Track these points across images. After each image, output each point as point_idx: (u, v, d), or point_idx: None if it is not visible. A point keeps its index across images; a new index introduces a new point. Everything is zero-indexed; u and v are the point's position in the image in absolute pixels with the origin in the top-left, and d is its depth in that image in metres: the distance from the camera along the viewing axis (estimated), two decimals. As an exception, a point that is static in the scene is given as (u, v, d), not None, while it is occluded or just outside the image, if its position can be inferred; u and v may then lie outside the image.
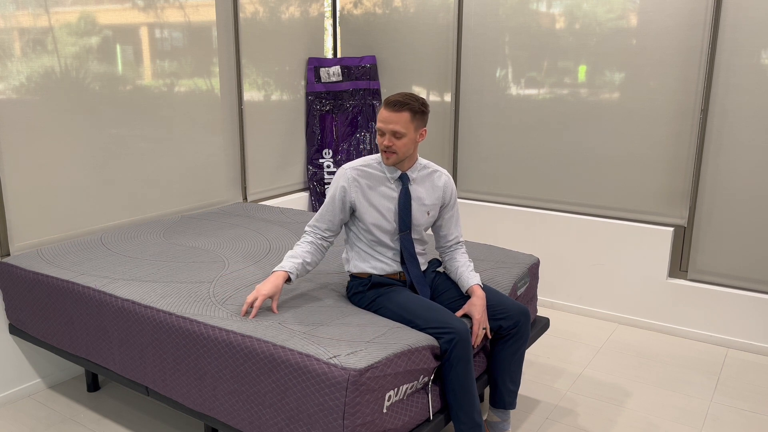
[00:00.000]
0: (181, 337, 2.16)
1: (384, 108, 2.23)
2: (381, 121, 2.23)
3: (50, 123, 2.91)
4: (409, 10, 4.19)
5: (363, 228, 2.33)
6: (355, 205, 2.31)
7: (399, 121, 2.19)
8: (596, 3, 3.55)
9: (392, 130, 2.21)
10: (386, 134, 2.22)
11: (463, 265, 2.39)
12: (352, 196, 2.30)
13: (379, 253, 2.35)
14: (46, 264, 2.67)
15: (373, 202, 2.30)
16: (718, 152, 3.34)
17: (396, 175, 2.31)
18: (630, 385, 3.03)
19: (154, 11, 3.29)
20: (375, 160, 2.35)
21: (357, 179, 2.30)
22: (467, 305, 2.29)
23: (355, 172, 2.31)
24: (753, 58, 3.17)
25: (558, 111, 3.77)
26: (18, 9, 2.74)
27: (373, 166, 2.33)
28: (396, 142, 2.22)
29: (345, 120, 4.45)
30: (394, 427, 1.96)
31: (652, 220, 3.61)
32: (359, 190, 2.29)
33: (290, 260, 2.28)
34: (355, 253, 2.38)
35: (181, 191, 3.57)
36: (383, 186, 2.31)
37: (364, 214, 2.30)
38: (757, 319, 3.34)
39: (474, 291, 2.31)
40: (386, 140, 2.23)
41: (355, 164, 2.33)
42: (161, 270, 2.61)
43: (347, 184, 2.29)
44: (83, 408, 2.82)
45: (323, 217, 2.34)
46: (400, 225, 2.32)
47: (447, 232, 2.43)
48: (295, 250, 2.31)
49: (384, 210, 2.30)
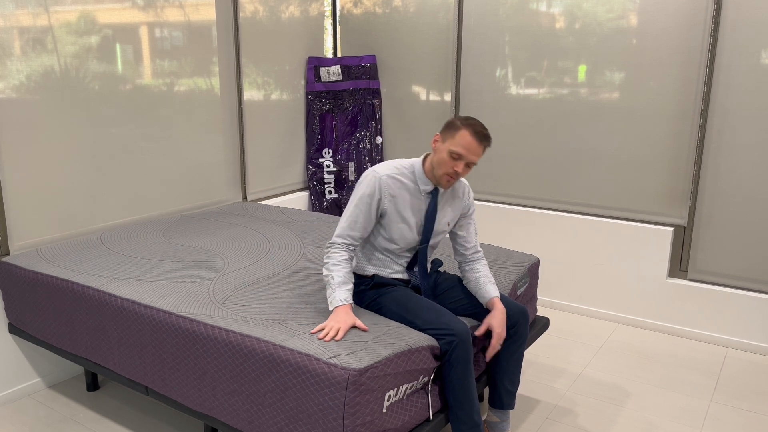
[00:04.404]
0: (180, 337, 2.16)
1: (473, 137, 2.11)
2: (466, 149, 2.11)
3: (50, 122, 2.91)
4: (409, 10, 4.19)
5: (384, 236, 2.26)
6: (384, 214, 2.23)
7: (480, 153, 2.14)
8: (596, 3, 3.55)
9: (472, 162, 2.14)
10: (462, 162, 2.13)
11: (485, 276, 2.33)
12: (385, 205, 2.21)
13: (390, 258, 2.31)
14: (45, 263, 2.67)
15: (403, 213, 2.23)
16: (718, 152, 3.34)
17: (429, 188, 2.24)
18: (630, 385, 3.03)
19: (154, 10, 3.29)
20: (407, 168, 2.25)
21: (391, 188, 2.20)
22: (489, 318, 2.25)
23: (391, 180, 2.20)
24: (753, 58, 3.17)
25: (558, 111, 3.77)
26: (18, 8, 2.73)
27: (406, 175, 2.23)
28: (466, 171, 2.16)
29: (345, 119, 4.44)
30: (394, 426, 1.96)
31: (652, 220, 3.61)
32: (392, 200, 2.21)
33: (344, 290, 2.12)
34: (363, 254, 2.34)
35: (181, 191, 3.56)
36: (414, 198, 2.24)
37: (391, 223, 2.23)
38: (757, 319, 3.34)
39: (495, 304, 2.27)
40: (461, 168, 2.13)
41: (390, 172, 2.21)
42: (161, 269, 2.61)
43: (382, 193, 2.19)
44: (83, 407, 2.81)
45: (356, 225, 2.20)
46: (422, 238, 2.28)
47: (465, 241, 2.37)
48: (341, 275, 2.14)
49: (411, 222, 2.24)
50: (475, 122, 2.13)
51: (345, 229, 2.21)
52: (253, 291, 2.39)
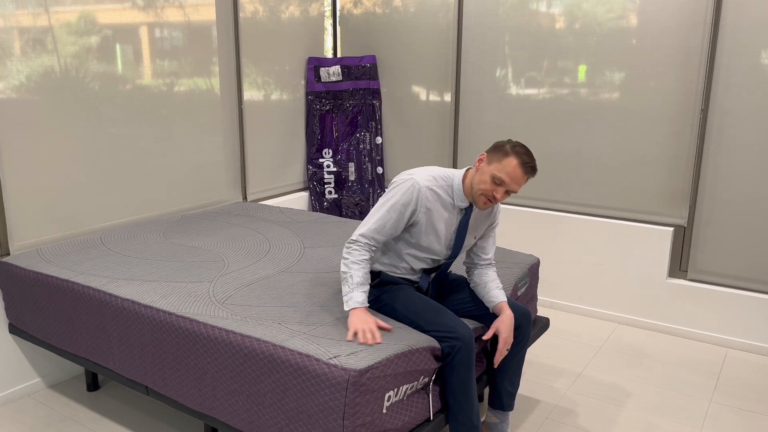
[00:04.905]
0: (181, 337, 2.16)
1: (520, 167, 2.07)
2: (510, 177, 2.08)
3: (50, 123, 2.91)
4: (409, 10, 4.19)
5: (413, 243, 2.23)
6: (415, 224, 2.19)
7: (523, 184, 2.11)
8: (596, 3, 3.55)
9: (513, 190, 2.11)
10: (503, 189, 2.10)
11: (493, 281, 2.32)
12: (419, 216, 2.17)
13: (407, 263, 2.28)
14: (46, 263, 2.67)
15: (436, 226, 2.20)
16: (718, 152, 3.34)
17: (464, 204, 2.20)
18: (630, 385, 3.03)
19: (154, 11, 3.29)
20: (446, 181, 2.21)
21: (429, 200, 2.16)
22: (497, 322, 2.25)
23: (429, 192, 2.16)
24: (753, 58, 3.17)
25: (558, 111, 3.77)
26: (18, 8, 2.73)
27: (444, 188, 2.19)
28: (504, 197, 2.13)
29: (345, 120, 4.44)
30: (394, 427, 1.96)
31: (652, 220, 3.61)
32: (427, 212, 2.17)
33: (361, 292, 2.11)
34: (377, 256, 2.31)
35: (181, 191, 3.56)
36: (447, 212, 2.21)
37: (420, 234, 2.20)
38: (757, 319, 3.34)
39: (502, 309, 2.26)
40: (500, 195, 2.10)
41: (429, 183, 2.17)
42: (161, 269, 2.61)
43: (418, 205, 2.15)
44: (83, 407, 2.81)
45: (384, 230, 2.15)
46: (452, 253, 2.27)
47: (482, 251, 2.35)
48: (360, 275, 2.12)
49: (441, 236, 2.22)
50: (524, 151, 2.09)
51: (371, 231, 2.16)
52: (253, 291, 2.40)
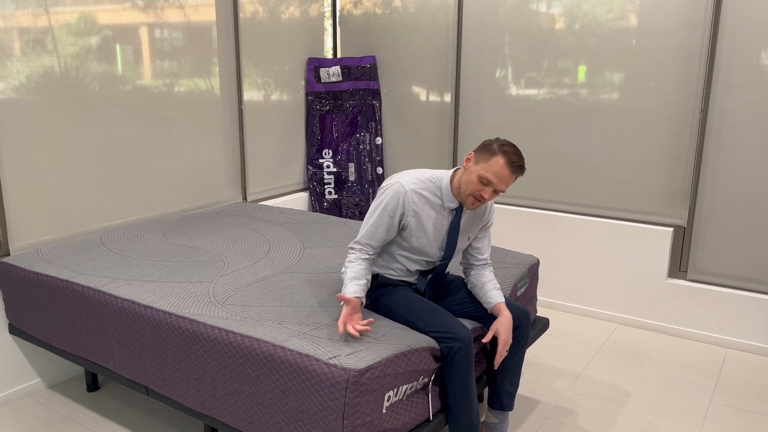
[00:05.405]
0: (180, 337, 2.16)
1: (507, 167, 2.07)
2: (497, 176, 2.07)
3: (50, 123, 2.91)
4: (409, 10, 4.19)
5: (405, 246, 2.24)
6: (405, 227, 2.20)
7: (510, 183, 2.11)
8: (596, 3, 3.55)
9: (500, 190, 2.10)
10: (490, 188, 2.10)
11: (490, 282, 2.32)
12: (408, 219, 2.18)
13: (401, 264, 2.29)
14: (45, 264, 2.67)
15: (426, 228, 2.20)
16: (718, 152, 3.34)
17: (453, 205, 2.21)
18: (630, 385, 3.03)
19: (154, 11, 3.29)
20: (434, 182, 2.21)
21: (416, 204, 2.17)
22: (496, 324, 2.24)
23: (416, 196, 2.17)
24: (753, 58, 3.17)
25: (558, 111, 3.77)
26: (18, 9, 2.74)
27: (432, 190, 2.20)
28: (492, 197, 2.13)
29: (345, 120, 4.45)
30: (394, 427, 1.96)
31: (651, 221, 3.61)
32: (415, 215, 2.18)
33: (354, 284, 2.11)
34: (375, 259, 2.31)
35: (181, 191, 3.57)
36: (437, 213, 2.21)
37: (412, 236, 2.21)
38: (757, 319, 3.34)
39: (501, 310, 2.25)
40: (488, 194, 2.10)
41: (415, 186, 2.18)
42: (161, 270, 2.61)
43: (405, 209, 2.16)
44: (83, 407, 2.82)
45: (376, 236, 2.18)
46: (445, 254, 2.26)
47: (477, 252, 2.35)
48: (356, 271, 2.14)
49: (432, 238, 2.22)
50: (512, 150, 2.08)
51: (365, 237, 2.19)
52: (253, 291, 2.40)
